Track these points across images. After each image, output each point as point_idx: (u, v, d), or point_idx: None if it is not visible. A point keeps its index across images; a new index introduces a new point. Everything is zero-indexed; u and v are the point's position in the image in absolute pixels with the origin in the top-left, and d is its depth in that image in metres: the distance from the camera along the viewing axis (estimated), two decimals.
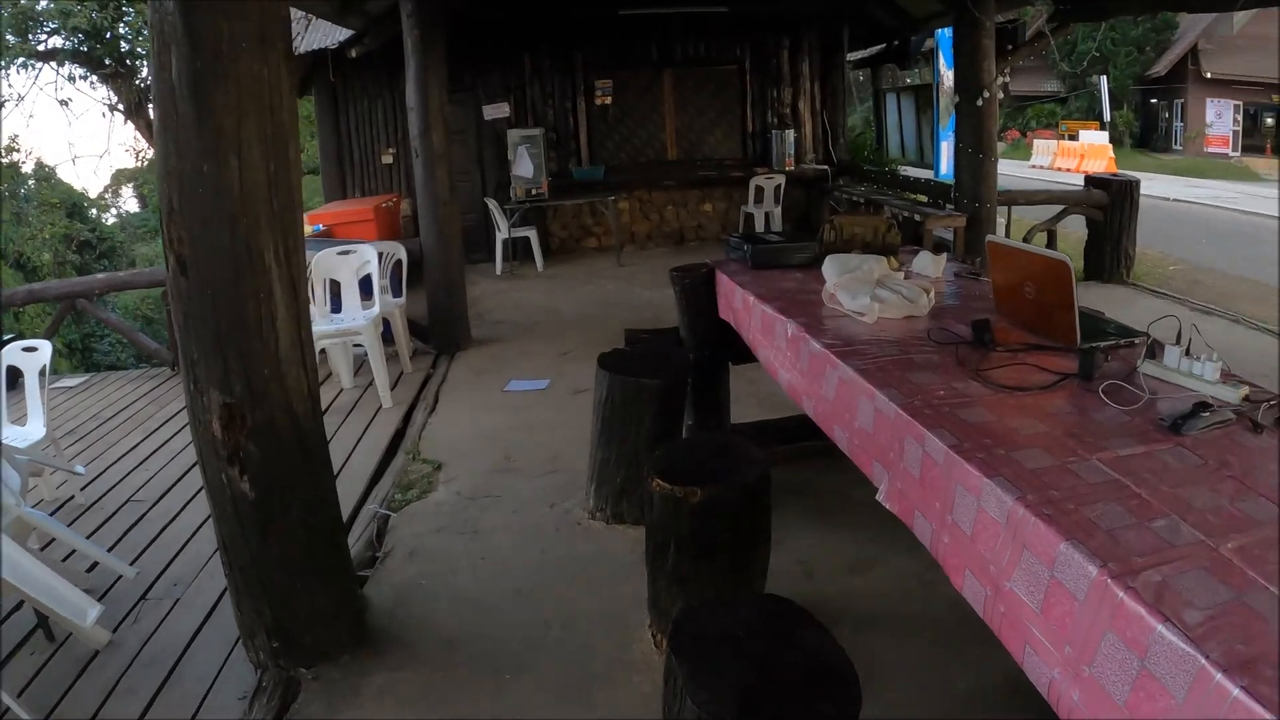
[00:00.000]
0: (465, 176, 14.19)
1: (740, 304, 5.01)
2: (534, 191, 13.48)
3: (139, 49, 22.93)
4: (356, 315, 8.07)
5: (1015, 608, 2.34)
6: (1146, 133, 48.57)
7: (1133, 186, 12.69)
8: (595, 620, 4.51)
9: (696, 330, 5.80)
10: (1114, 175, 13.28)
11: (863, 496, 3.36)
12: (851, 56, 18.83)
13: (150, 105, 9.91)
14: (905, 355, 3.62)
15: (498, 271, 13.56)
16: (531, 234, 13.65)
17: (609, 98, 15.24)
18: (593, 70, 15.13)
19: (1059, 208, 13.05)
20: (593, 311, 11.08)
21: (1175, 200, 24.81)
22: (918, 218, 11.79)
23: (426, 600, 4.79)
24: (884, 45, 18.50)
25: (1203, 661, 1.73)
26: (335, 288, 8.24)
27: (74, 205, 24.65)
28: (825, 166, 16.04)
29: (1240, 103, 45.67)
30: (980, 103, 10.95)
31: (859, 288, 4.38)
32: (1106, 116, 41.57)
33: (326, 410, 7.52)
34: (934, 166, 18.89)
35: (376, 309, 8.16)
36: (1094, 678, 2.01)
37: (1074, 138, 39.76)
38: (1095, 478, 2.50)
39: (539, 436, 6.99)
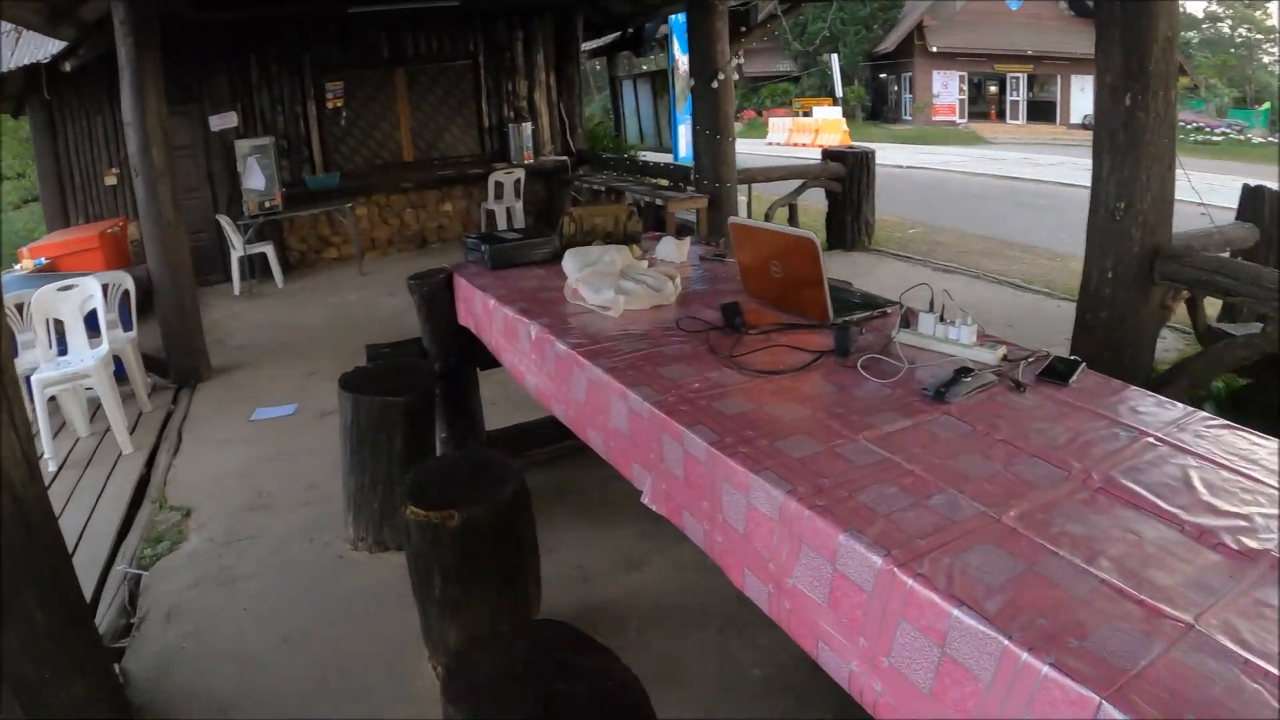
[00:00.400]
0: (194, 194, 13.49)
1: (481, 308, 4.80)
2: (267, 204, 12.87)
3: None
4: (84, 356, 7.40)
5: (801, 604, 2.27)
6: (878, 105, 52.08)
7: (868, 157, 13.28)
8: (372, 659, 4.26)
9: (439, 339, 5.56)
10: (850, 147, 13.71)
11: (628, 490, 3.21)
12: (587, 46, 18.71)
13: None
14: (656, 349, 3.53)
15: (236, 292, 12.87)
16: (268, 249, 13.00)
17: (340, 100, 14.68)
18: (322, 72, 14.52)
19: (798, 182, 13.44)
20: (337, 326, 10.65)
21: (909, 167, 25.93)
22: (659, 202, 11.79)
23: (191, 664, 4.38)
24: (619, 33, 18.47)
25: (1005, 642, 1.73)
26: (60, 327, 7.55)
27: None
28: (564, 157, 15.91)
29: (965, 73, 50.06)
30: (715, 85, 11.09)
31: (602, 281, 4.26)
32: (839, 92, 43.51)
33: (64, 464, 7.03)
34: (673, 150, 18.89)
35: (105, 347, 7.49)
36: (895, 668, 1.98)
37: (808, 114, 41.17)
38: (865, 459, 2.48)
39: (291, 467, 6.60)
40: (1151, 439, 2.62)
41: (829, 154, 13.59)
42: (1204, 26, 57.78)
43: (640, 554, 4.99)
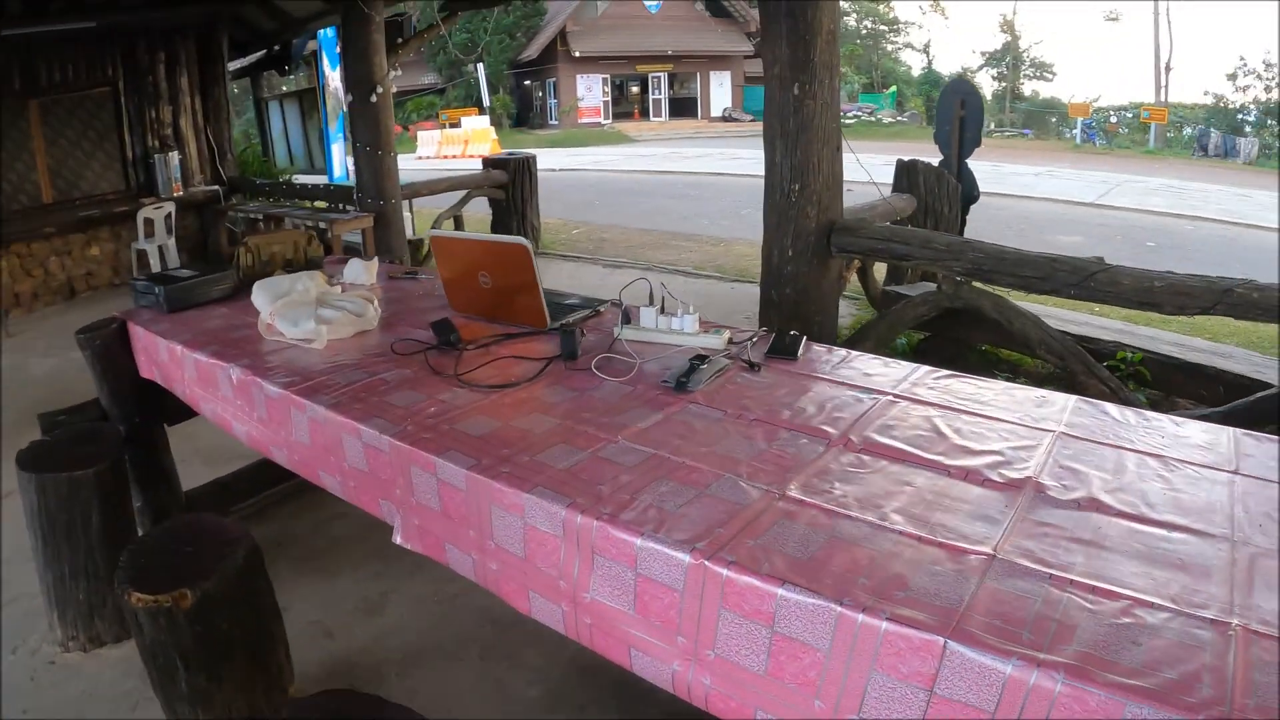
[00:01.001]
0: None
1: (167, 356, 4.36)
2: None
3: None
4: None
5: (605, 616, 2.25)
6: (523, 112, 53.44)
7: (529, 162, 13.59)
8: None
9: (119, 397, 5.00)
10: (510, 154, 13.48)
11: (348, 531, 2.91)
12: (232, 66, 17.59)
13: None
14: (374, 377, 3.38)
15: None
16: None
17: None
18: None
19: (462, 193, 13.60)
20: None
21: (563, 170, 26.22)
22: (323, 225, 11.34)
23: None
24: (264, 51, 17.76)
25: (839, 609, 1.81)
26: None
27: None
28: (216, 186, 15.08)
29: (608, 75, 52.74)
30: (374, 98, 10.94)
31: (298, 312, 4.02)
32: (486, 102, 44.23)
33: None
34: (327, 171, 18.20)
35: None
36: (722, 658, 2.01)
37: (456, 125, 41.45)
38: (632, 459, 2.51)
39: None
40: (890, 397, 2.93)
41: (490, 162, 13.60)
42: None
43: (376, 596, 4.78)
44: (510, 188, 12.95)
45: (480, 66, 44.23)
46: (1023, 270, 6.13)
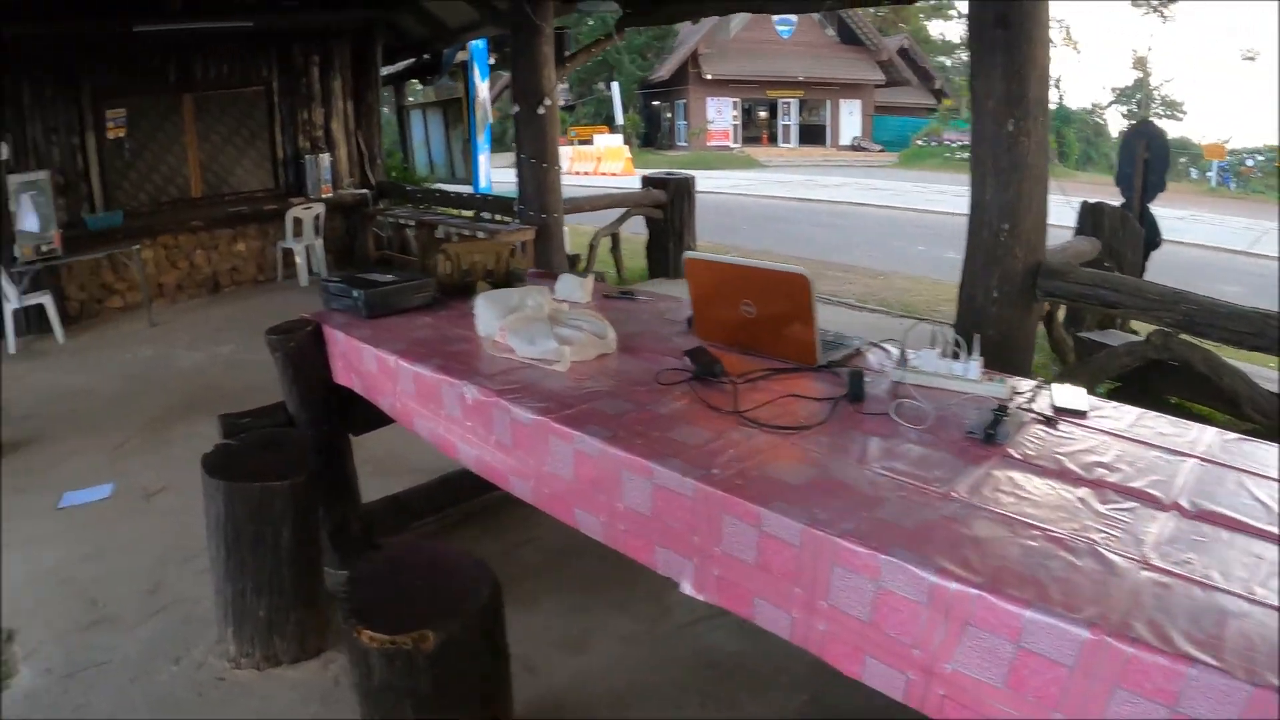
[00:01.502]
0: None
1: (374, 366, 4.05)
2: (44, 248, 11.53)
3: None
4: None
5: (967, 689, 2.02)
6: (652, 132, 53.37)
7: (689, 183, 13.13)
8: None
9: (309, 403, 4.70)
10: (668, 174, 13.15)
11: (537, 558, 2.63)
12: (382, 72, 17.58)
13: None
14: (644, 409, 3.06)
15: (11, 350, 11.47)
16: (46, 300, 11.66)
17: (123, 130, 13.37)
18: (103, 98, 13.18)
19: (620, 211, 13.17)
20: (136, 387, 9.47)
21: (700, 192, 25.71)
22: (482, 235, 11.03)
23: None
24: (413, 59, 17.65)
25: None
26: None
27: None
28: (365, 190, 14.94)
29: (738, 99, 52.10)
30: (542, 111, 10.59)
31: (534, 329, 3.70)
32: (619, 120, 43.74)
33: None
34: (473, 181, 18.03)
35: None
36: None
37: (587, 142, 41.36)
38: (980, 521, 2.27)
39: (122, 565, 5.52)
40: (1197, 459, 2.67)
41: (649, 181, 13.17)
42: (961, 51, 60.36)
43: (579, 632, 4.48)
44: (669, 208, 12.64)
45: (615, 85, 44.21)
46: (1236, 325, 5.78)
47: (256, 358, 9.69)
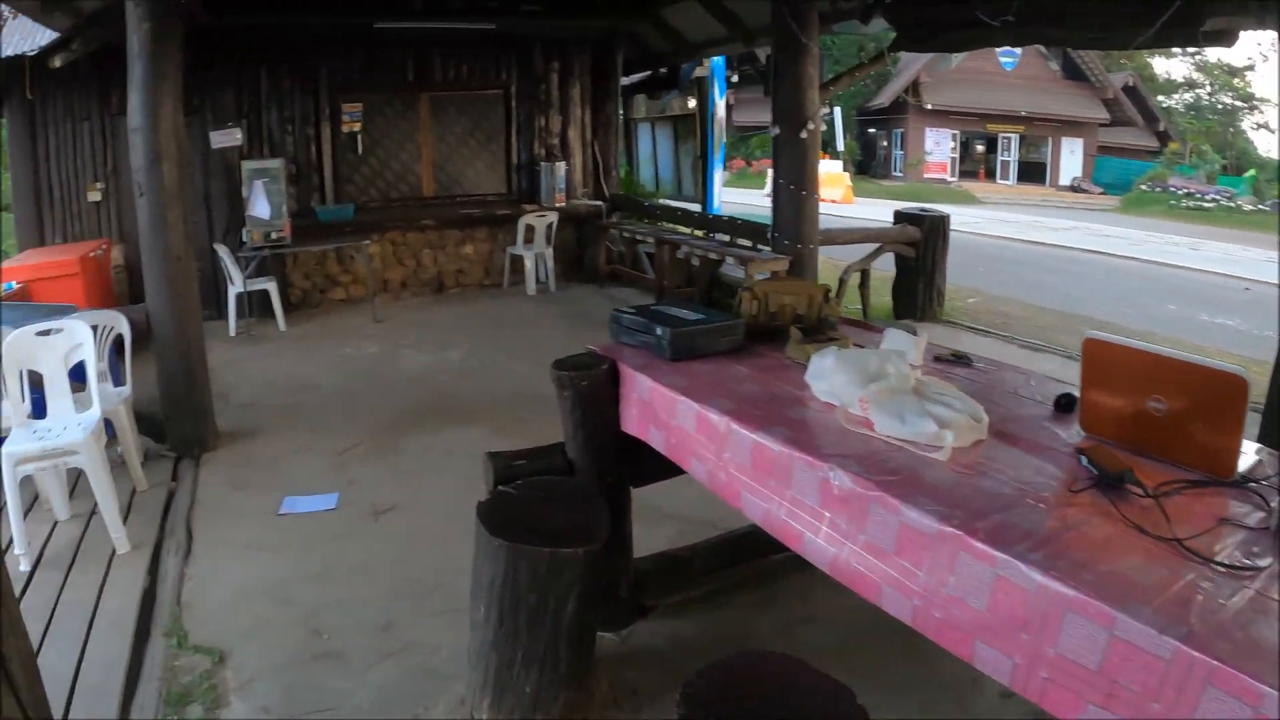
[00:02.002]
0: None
1: (691, 423, 3.42)
2: (274, 236, 11.33)
3: None
4: (69, 422, 5.84)
5: None
6: (866, 160, 51.87)
7: (944, 222, 12.16)
8: None
9: (596, 450, 4.05)
10: (922, 209, 12.28)
11: (818, 640, 3.05)
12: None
13: None
14: (1072, 528, 2.40)
15: (232, 333, 11.35)
16: (271, 287, 11.49)
17: (358, 124, 13.20)
18: (340, 92, 13.05)
19: (872, 246, 12.22)
20: (359, 384, 9.12)
21: None
22: (731, 260, 10.58)
23: None
24: (649, 72, 17.16)
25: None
26: (36, 381, 6.02)
27: None
28: (598, 202, 14.39)
29: (957, 131, 50.18)
30: (804, 135, 9.81)
31: (901, 404, 3.04)
32: (840, 145, 42.79)
33: (39, 560, 5.45)
34: (705, 201, 17.38)
35: (96, 412, 5.89)
36: None
37: None
38: None
39: (349, 592, 5.01)
40: None
41: (903, 216, 12.32)
42: (1183, 92, 57.98)
43: None
44: (922, 246, 11.85)
45: (837, 110, 43.20)
46: None
47: (485, 364, 9.45)
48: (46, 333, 5.97)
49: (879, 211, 27.48)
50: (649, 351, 3.93)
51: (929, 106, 48.24)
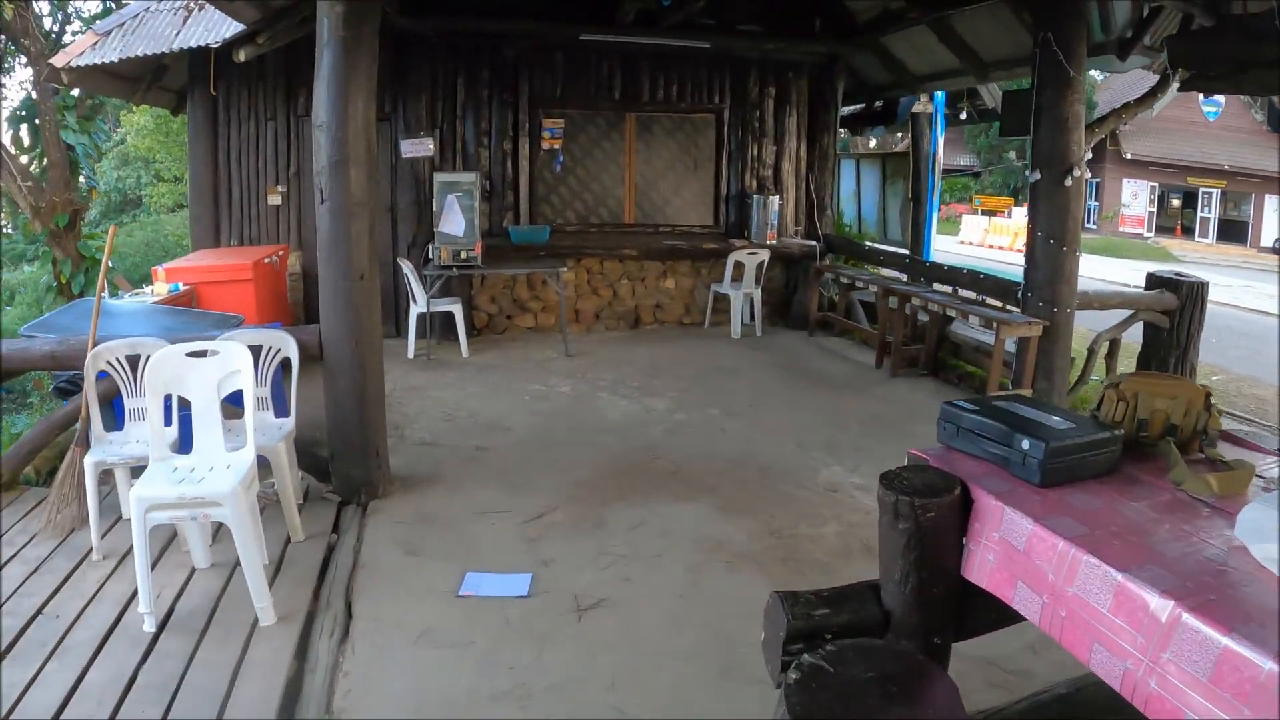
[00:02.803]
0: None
1: (1101, 594, 2.30)
2: (464, 255, 10.42)
3: None
4: (216, 461, 4.90)
5: None
6: None
7: (1202, 290, 10.49)
8: None
9: (927, 602, 2.84)
10: (1178, 275, 10.80)
11: None
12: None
13: None
14: None
15: (410, 354, 10.56)
16: (456, 309, 10.67)
17: (559, 141, 12.32)
18: (541, 106, 12.20)
19: (1127, 313, 10.51)
20: (553, 429, 8.09)
21: (1134, 287, 23.14)
22: (976, 321, 9.37)
23: None
24: (862, 104, 16.01)
25: None
26: (185, 403, 5.11)
27: None
28: (812, 241, 13.14)
29: (1155, 184, 47.53)
30: (1069, 183, 8.53)
31: None
32: None
33: (166, 621, 4.55)
34: (920, 247, 16.07)
35: (249, 453, 4.91)
36: None
37: (997, 214, 39.44)
38: None
39: (548, 710, 3.92)
40: None
41: (1156, 281, 10.85)
42: None
43: None
44: (1176, 315, 10.38)
45: None
46: None
47: (696, 419, 8.40)
48: (200, 354, 5.02)
49: (1088, 266, 25.94)
50: (1002, 470, 2.83)
51: (1128, 155, 45.60)
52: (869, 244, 14.57)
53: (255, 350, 5.63)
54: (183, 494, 4.58)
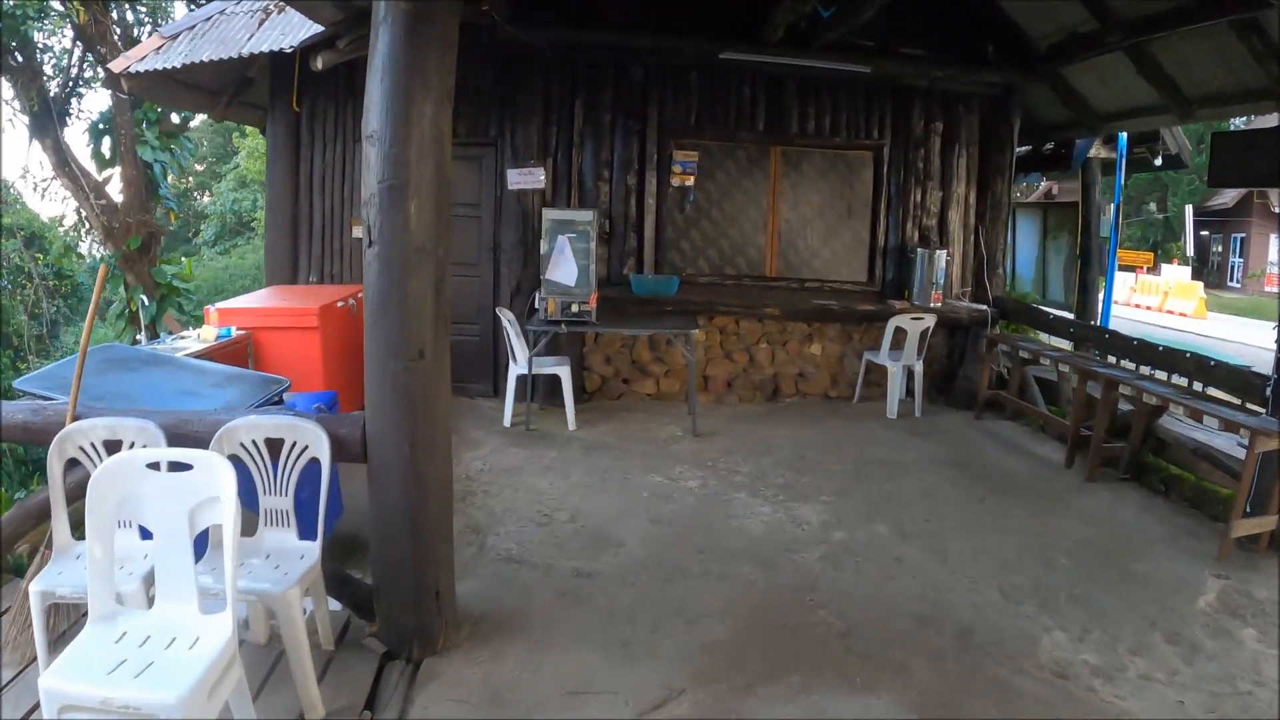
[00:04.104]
0: (469, 271, 10.01)
1: None
2: (576, 308, 8.72)
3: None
4: (180, 634, 3.27)
5: None
6: (1198, 266, 45.96)
7: None
8: None
9: None
10: None
11: None
12: None
13: None
14: None
15: (506, 423, 8.96)
16: (563, 372, 9.05)
17: (691, 177, 10.55)
18: (671, 135, 10.46)
19: None
20: (677, 548, 6.25)
21: None
22: (1217, 426, 7.33)
23: None
24: (1029, 146, 13.90)
25: None
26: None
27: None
28: (983, 306, 11.08)
29: None
30: None
31: None
32: (1190, 250, 38.46)
33: None
34: (1099, 312, 13.91)
35: (227, 627, 3.24)
36: None
37: (1128, 269, 37.38)
38: None
39: None
40: None
41: None
42: None
43: None
44: None
45: (1188, 209, 38.32)
46: None
47: (860, 540, 6.46)
48: (168, 465, 3.39)
49: (1240, 330, 24.22)
50: None
51: (1277, 210, 42.01)
52: (1053, 312, 12.18)
53: (276, 444, 4.01)
54: (109, 697, 2.96)
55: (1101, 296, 14.11)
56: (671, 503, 7.08)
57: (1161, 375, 8.45)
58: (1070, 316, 12.51)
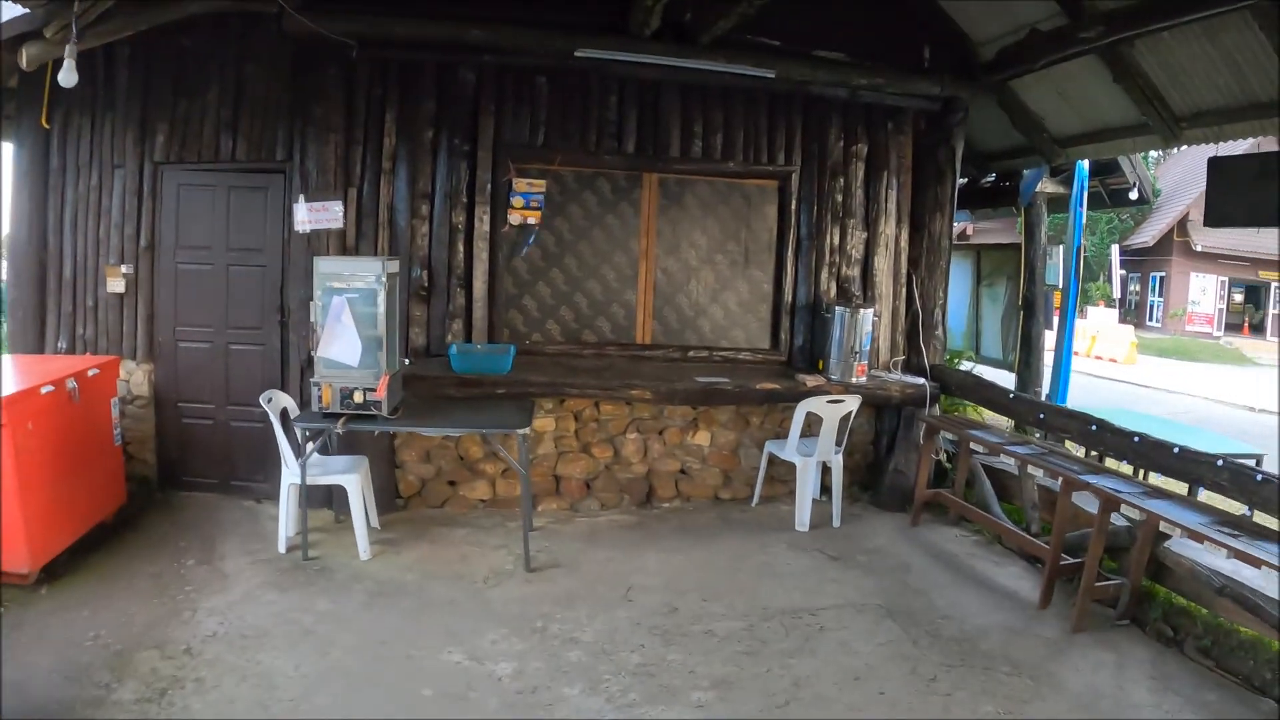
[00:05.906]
0: (250, 335, 7.99)
1: None
2: (361, 397, 6.28)
3: None
4: None
5: None
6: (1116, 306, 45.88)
7: None
8: None
9: None
10: None
11: None
12: None
13: None
14: None
15: (281, 548, 6.68)
16: (349, 482, 6.65)
17: (536, 212, 8.28)
18: (512, 159, 8.23)
19: None
20: None
21: (1239, 407, 20.21)
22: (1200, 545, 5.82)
23: None
24: (965, 179, 11.43)
25: None
26: None
27: None
28: (919, 379, 8.76)
29: (1226, 278, 44.89)
30: None
31: None
32: (1116, 292, 37.87)
33: None
34: (1053, 384, 11.58)
35: None
36: None
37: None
38: None
39: None
40: None
41: None
42: None
43: None
44: None
45: (1115, 248, 36.58)
46: None
47: None
48: None
49: (1168, 378, 23.66)
50: None
51: (1198, 248, 42.97)
52: (1012, 391, 9.69)
53: None
54: None
55: (1057, 356, 11.76)
56: (464, 708, 4.65)
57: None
58: (1041, 400, 10.13)
